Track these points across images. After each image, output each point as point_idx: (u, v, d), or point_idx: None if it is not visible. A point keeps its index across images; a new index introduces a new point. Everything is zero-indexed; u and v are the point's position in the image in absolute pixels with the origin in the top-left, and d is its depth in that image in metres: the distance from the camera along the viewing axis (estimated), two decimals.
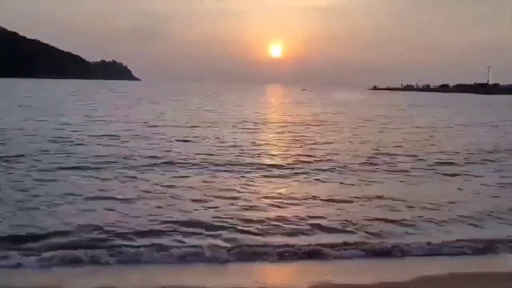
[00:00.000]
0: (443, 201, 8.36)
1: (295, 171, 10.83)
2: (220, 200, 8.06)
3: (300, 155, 13.22)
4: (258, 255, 5.67)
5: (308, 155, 13.08)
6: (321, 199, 8.25)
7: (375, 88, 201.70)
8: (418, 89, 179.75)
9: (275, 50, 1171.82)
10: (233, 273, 5.34)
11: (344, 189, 9.18)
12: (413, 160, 12.87)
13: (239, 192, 8.65)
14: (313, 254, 5.75)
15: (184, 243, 5.96)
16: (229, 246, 5.92)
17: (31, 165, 10.58)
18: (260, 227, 6.71)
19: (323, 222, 6.96)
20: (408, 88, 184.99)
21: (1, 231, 6.15)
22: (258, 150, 14.04)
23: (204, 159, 11.88)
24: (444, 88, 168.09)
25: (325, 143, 16.29)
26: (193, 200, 7.94)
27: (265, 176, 10.21)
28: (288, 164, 11.71)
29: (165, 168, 10.59)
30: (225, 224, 6.75)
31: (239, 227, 6.65)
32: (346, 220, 7.06)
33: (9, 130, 17.18)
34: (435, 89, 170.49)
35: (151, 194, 8.27)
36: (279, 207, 7.71)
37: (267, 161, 12.10)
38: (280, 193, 8.65)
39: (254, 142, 15.91)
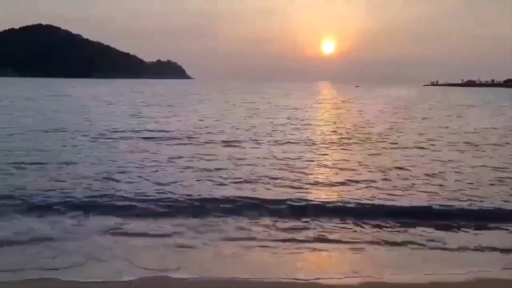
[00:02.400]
0: None
1: None
2: None
3: None
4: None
5: None
6: None
7: (433, 83, 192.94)
8: (480, 84, 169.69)
9: (326, 47, 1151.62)
10: (284, 265, 5.24)
11: None
12: None
13: None
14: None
15: None
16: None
17: None
18: None
19: None
20: (470, 83, 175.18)
21: None
22: None
23: None
24: (509, 84, 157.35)
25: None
26: None
27: None
28: None
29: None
30: None
31: None
32: None
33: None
34: (500, 84, 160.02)
35: None
36: None
37: None
38: None
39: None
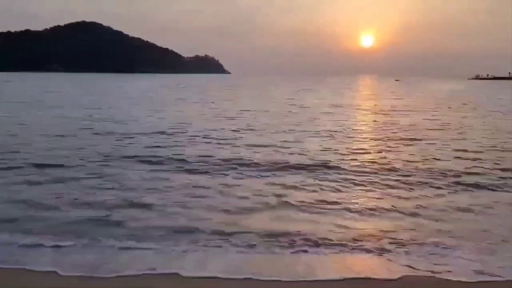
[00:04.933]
0: None
1: None
2: None
3: None
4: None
5: None
6: None
7: (477, 77, 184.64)
8: None
9: (366, 40, 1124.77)
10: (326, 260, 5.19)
11: None
12: None
13: None
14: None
15: None
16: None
17: None
18: None
19: None
20: None
21: None
22: None
23: None
24: None
25: None
26: None
27: None
28: None
29: None
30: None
31: None
32: None
33: None
34: None
35: None
36: None
37: None
38: None
39: None
